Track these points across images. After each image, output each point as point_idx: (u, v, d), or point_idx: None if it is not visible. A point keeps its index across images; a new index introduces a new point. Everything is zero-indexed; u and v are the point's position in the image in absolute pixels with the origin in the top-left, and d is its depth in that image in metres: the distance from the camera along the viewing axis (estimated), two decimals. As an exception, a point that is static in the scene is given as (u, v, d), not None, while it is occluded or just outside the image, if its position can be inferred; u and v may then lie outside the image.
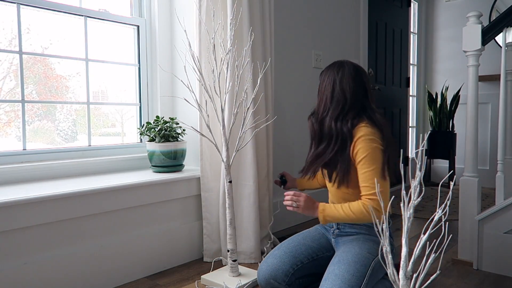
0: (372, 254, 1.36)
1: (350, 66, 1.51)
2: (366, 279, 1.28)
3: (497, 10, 3.66)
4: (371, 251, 1.37)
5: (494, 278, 1.70)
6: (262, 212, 2.02)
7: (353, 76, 1.48)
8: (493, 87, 3.65)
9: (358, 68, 1.52)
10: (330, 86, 1.48)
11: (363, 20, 3.16)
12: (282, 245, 1.52)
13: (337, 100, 1.46)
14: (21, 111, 1.71)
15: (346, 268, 1.29)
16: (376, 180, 1.35)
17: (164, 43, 2.16)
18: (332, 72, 1.50)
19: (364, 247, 1.38)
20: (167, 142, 1.88)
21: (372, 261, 1.34)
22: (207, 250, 1.92)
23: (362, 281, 1.27)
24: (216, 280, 1.64)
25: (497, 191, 1.83)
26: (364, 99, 1.50)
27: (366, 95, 1.51)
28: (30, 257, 1.40)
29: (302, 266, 1.46)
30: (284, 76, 2.41)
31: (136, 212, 1.70)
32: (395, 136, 3.78)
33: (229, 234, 1.67)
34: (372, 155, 1.37)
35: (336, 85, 1.47)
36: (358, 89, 1.48)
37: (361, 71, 1.52)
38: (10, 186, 1.54)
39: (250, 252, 1.91)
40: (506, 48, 1.90)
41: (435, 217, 0.74)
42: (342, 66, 1.50)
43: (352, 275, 1.27)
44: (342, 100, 1.46)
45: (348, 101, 1.46)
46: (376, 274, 1.34)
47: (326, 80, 1.50)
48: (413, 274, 0.74)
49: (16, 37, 1.69)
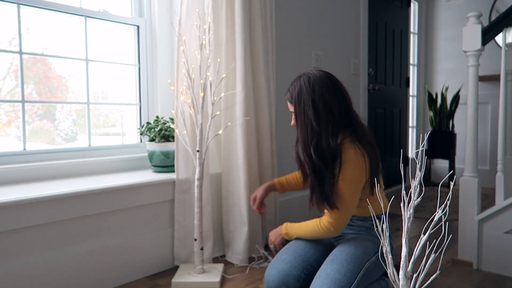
0: (367, 255, 1.34)
1: (319, 77, 1.36)
2: (357, 279, 1.26)
3: (497, 10, 3.66)
4: (367, 252, 1.35)
5: (494, 278, 1.70)
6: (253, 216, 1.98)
7: (330, 87, 1.35)
8: (493, 87, 3.65)
9: (329, 75, 1.39)
10: (311, 108, 1.33)
11: (363, 20, 3.16)
12: (289, 249, 1.44)
13: (326, 120, 1.33)
14: (21, 111, 1.71)
15: (338, 268, 1.27)
16: (347, 198, 1.32)
17: (164, 43, 2.16)
18: (306, 90, 1.34)
19: (361, 247, 1.35)
20: (167, 142, 1.87)
21: (366, 262, 1.32)
22: (178, 254, 1.84)
23: (353, 282, 1.25)
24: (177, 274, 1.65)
25: (497, 191, 1.83)
26: (348, 108, 1.39)
27: (347, 100, 1.40)
28: (30, 257, 1.40)
29: (312, 270, 1.39)
30: (284, 76, 2.41)
31: (136, 212, 1.70)
32: (395, 136, 3.79)
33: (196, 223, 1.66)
34: (350, 181, 1.32)
35: (318, 105, 1.33)
36: (340, 99, 1.37)
37: (332, 77, 1.39)
38: (10, 186, 1.54)
39: (237, 253, 1.90)
40: (506, 48, 1.90)
41: (435, 217, 0.74)
42: (313, 79, 1.35)
43: (343, 275, 1.25)
44: (331, 117, 1.33)
45: (336, 116, 1.34)
46: (370, 275, 1.32)
47: (303, 101, 1.35)
48: (413, 274, 0.74)
49: (16, 37, 1.69)
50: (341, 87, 1.39)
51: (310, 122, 1.33)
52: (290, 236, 1.48)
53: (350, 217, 1.38)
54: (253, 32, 1.97)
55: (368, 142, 1.36)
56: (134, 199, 1.67)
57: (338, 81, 1.40)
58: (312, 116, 1.33)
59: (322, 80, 1.35)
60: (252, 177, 1.96)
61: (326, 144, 1.32)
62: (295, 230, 1.47)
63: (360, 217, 1.46)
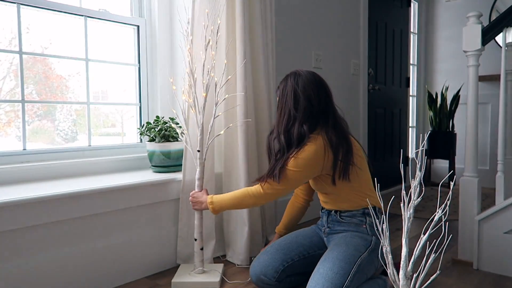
0: (359, 251, 1.38)
1: (306, 73, 1.50)
2: (350, 276, 1.29)
3: (497, 10, 3.66)
4: (358, 248, 1.39)
5: (494, 278, 1.70)
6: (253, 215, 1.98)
7: (313, 81, 1.48)
8: (493, 87, 3.65)
9: (314, 73, 1.52)
10: (291, 96, 1.46)
11: (363, 20, 3.16)
12: (275, 242, 1.57)
13: (303, 108, 1.45)
14: (21, 111, 1.71)
15: (330, 267, 1.31)
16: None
17: (164, 43, 2.16)
18: (290, 83, 1.48)
19: (351, 244, 1.40)
20: (167, 142, 1.88)
21: (358, 258, 1.35)
22: (180, 253, 1.83)
23: (346, 278, 1.28)
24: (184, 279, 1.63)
25: (497, 191, 1.83)
26: (328, 101, 1.50)
27: (329, 96, 1.51)
28: (30, 257, 1.40)
29: (292, 263, 1.49)
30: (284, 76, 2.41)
31: (137, 212, 1.70)
32: (395, 136, 3.79)
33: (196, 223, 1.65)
34: (301, 162, 1.40)
35: (299, 94, 1.45)
36: (321, 92, 1.48)
37: (317, 75, 1.52)
38: (10, 186, 1.54)
39: (238, 253, 1.90)
40: (506, 48, 1.90)
41: (435, 217, 0.74)
42: (298, 75, 1.49)
43: (336, 273, 1.28)
44: (308, 106, 1.45)
45: (314, 107, 1.46)
46: (363, 271, 1.35)
47: (286, 92, 1.49)
48: (413, 274, 0.74)
49: (16, 37, 1.69)
50: (323, 83, 1.52)
51: (288, 109, 1.47)
52: (214, 205, 1.54)
53: (282, 194, 1.47)
54: (253, 32, 1.97)
55: (340, 135, 1.45)
56: (134, 199, 1.67)
57: (322, 79, 1.52)
58: (291, 104, 1.46)
59: (307, 76, 1.49)
60: (252, 177, 1.96)
61: (297, 129, 1.44)
62: (220, 198, 1.54)
63: (349, 213, 1.49)
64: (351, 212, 1.50)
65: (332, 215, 1.55)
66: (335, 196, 1.51)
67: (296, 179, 1.43)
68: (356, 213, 1.49)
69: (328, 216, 1.56)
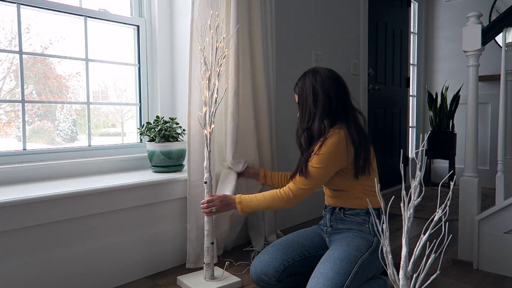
0: (360, 252, 1.38)
1: (324, 70, 1.52)
2: (351, 276, 1.30)
3: (497, 10, 3.66)
4: (360, 249, 1.39)
5: (494, 278, 1.70)
6: None
7: (331, 77, 1.50)
8: (493, 87, 3.65)
9: (332, 70, 1.54)
10: (310, 93, 1.49)
11: (363, 20, 3.16)
12: (276, 242, 1.57)
13: (322, 104, 1.48)
14: (21, 111, 1.71)
15: (331, 266, 1.31)
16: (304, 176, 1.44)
17: (164, 43, 2.16)
18: (309, 80, 1.51)
19: (353, 245, 1.40)
20: (167, 142, 1.88)
21: (359, 259, 1.35)
22: (189, 254, 1.83)
23: (347, 278, 1.28)
24: (189, 283, 1.60)
25: (497, 191, 1.83)
26: (346, 98, 1.53)
27: (347, 93, 1.54)
28: (31, 257, 1.40)
29: (293, 263, 1.49)
30: (284, 76, 2.41)
31: (137, 212, 1.70)
32: (395, 136, 3.79)
33: (206, 230, 1.61)
34: (323, 157, 1.43)
35: (318, 90, 1.48)
36: (339, 88, 1.51)
37: (335, 72, 1.55)
38: (10, 186, 1.54)
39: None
40: (506, 48, 1.90)
41: (435, 217, 0.74)
42: (316, 72, 1.52)
43: (336, 273, 1.29)
44: (328, 102, 1.48)
45: (333, 102, 1.48)
46: (364, 271, 1.35)
47: (305, 89, 1.51)
48: (413, 274, 0.74)
49: (16, 37, 1.69)
50: (341, 80, 1.54)
51: (308, 106, 1.49)
52: (243, 205, 1.52)
53: (311, 192, 1.47)
54: (253, 32, 1.97)
55: (359, 131, 1.48)
56: (134, 199, 1.67)
57: (340, 76, 1.55)
58: (311, 101, 1.49)
59: (325, 73, 1.51)
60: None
61: (317, 125, 1.47)
62: (249, 199, 1.53)
63: (353, 211, 1.49)
64: (355, 211, 1.50)
65: (336, 213, 1.55)
66: (346, 193, 1.51)
67: (321, 174, 1.45)
68: (360, 212, 1.49)
69: (332, 214, 1.56)
